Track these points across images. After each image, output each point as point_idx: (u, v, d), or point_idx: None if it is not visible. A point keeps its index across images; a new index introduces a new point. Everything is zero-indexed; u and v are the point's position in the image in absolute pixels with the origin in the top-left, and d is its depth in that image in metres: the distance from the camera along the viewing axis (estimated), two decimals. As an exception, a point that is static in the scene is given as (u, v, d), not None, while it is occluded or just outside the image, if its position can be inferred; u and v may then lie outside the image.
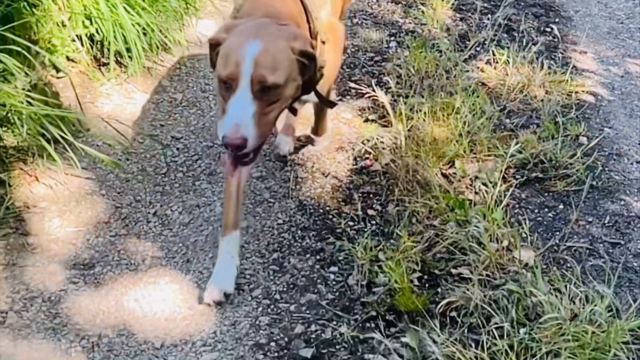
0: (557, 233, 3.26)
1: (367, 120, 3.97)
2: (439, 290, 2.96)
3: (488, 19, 5.02)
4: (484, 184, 3.37)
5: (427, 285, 2.99)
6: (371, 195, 3.49)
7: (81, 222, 3.24)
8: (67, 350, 2.68)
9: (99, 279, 2.97)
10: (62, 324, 2.77)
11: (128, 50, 4.07)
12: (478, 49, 4.63)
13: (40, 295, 2.88)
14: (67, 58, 3.95)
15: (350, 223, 3.33)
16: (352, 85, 4.23)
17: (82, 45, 4.00)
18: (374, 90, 3.90)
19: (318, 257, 3.16)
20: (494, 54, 4.47)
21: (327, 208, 3.43)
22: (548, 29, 5.02)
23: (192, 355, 2.70)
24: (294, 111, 3.03)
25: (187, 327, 2.81)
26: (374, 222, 3.33)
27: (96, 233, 3.19)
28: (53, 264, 3.02)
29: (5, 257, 3.01)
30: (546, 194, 3.50)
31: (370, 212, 3.39)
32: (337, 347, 2.76)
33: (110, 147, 3.66)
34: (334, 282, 3.04)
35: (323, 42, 2.84)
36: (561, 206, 3.43)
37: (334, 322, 2.85)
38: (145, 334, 2.76)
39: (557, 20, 5.19)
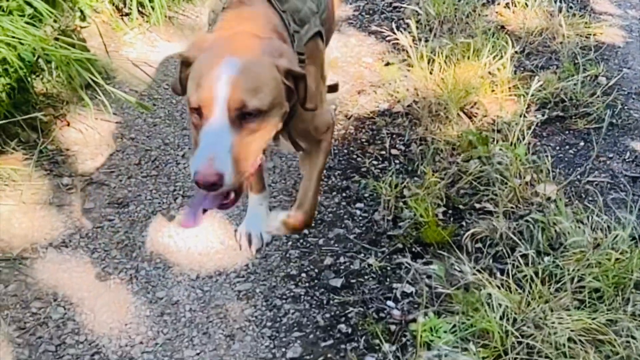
0: (579, 168, 3.32)
1: (387, 64, 4.02)
2: (464, 223, 3.04)
3: (505, -36, 5.02)
4: (506, 122, 3.43)
5: (451, 219, 3.07)
6: (394, 136, 3.55)
7: (113, 164, 3.32)
8: (106, 282, 2.78)
9: (133, 216, 3.06)
10: (100, 258, 2.87)
11: (150, 0, 4.13)
12: (496, -7, 4.65)
13: (78, 232, 2.97)
14: (90, 8, 4.00)
15: (375, 162, 3.40)
16: (373, 29, 4.28)
17: (105, -6, 4.06)
18: (394, 34, 3.94)
19: (344, 194, 3.24)
20: (512, -2, 4.49)
21: (351, 149, 3.50)
22: (565, -26, 5.03)
23: (226, 286, 2.79)
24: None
25: (220, 261, 2.90)
26: (397, 161, 3.41)
27: (128, 174, 3.27)
28: (88, 203, 3.11)
29: (41, 196, 3.10)
30: (567, 132, 3.56)
31: (394, 151, 3.46)
32: (366, 277, 2.85)
33: (137, 93, 3.73)
34: (360, 218, 3.12)
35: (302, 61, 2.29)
36: (582, 143, 3.49)
37: (362, 255, 2.93)
38: (181, 267, 2.86)
39: (574, -35, 5.19)
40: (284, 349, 2.56)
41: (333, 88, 2.87)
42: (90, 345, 2.55)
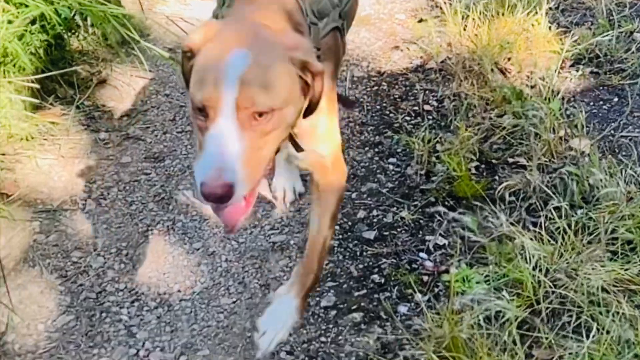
0: (612, 124, 3.30)
1: (421, 20, 4.01)
2: (496, 177, 3.05)
3: None
4: (541, 78, 3.42)
5: (484, 173, 3.08)
6: (427, 92, 3.56)
7: (148, 120, 3.37)
8: (144, 233, 2.84)
9: (169, 170, 3.12)
10: (138, 210, 2.93)
11: (183, -43, 4.15)
12: (530, -51, 4.59)
13: (116, 185, 3.03)
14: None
15: (407, 118, 3.41)
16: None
17: (138, -48, 4.08)
18: (428, -11, 3.94)
19: (377, 149, 3.26)
20: (546, -46, 4.43)
21: (384, 104, 3.51)
22: None
23: (261, 237, 2.84)
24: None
25: (255, 213, 2.94)
26: (430, 116, 3.41)
27: (163, 130, 3.32)
28: (125, 157, 3.17)
29: (79, 151, 3.17)
30: (601, 88, 3.54)
31: (427, 107, 3.46)
32: (399, 229, 2.88)
33: (172, 50, 3.76)
34: (393, 172, 3.14)
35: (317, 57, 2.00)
36: (616, 99, 3.47)
37: (395, 208, 2.96)
38: (217, 219, 2.89)
39: None
40: (317, 298, 2.61)
41: (349, 104, 2.60)
42: (130, 292, 2.62)
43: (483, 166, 3.11)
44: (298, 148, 2.12)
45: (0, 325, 2.47)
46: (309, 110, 1.94)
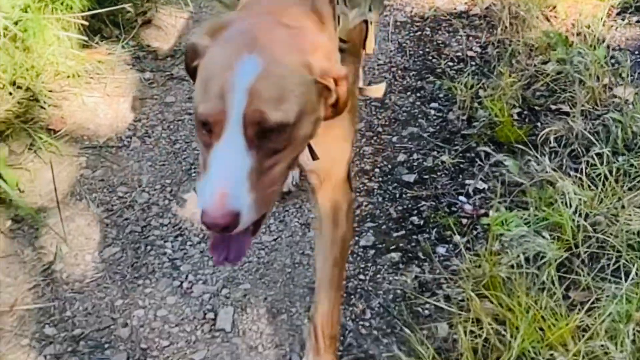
0: (658, 72, 3.27)
1: (465, -34, 3.97)
2: (539, 124, 3.04)
3: None
4: (586, 26, 3.38)
5: (526, 119, 3.07)
6: (471, 38, 3.54)
7: (192, 61, 3.40)
8: (188, 171, 2.89)
9: (212, 111, 3.15)
10: (181, 148, 2.98)
11: None
12: None
13: (160, 123, 3.08)
14: None
15: (450, 63, 3.41)
16: None
17: None
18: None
19: (418, 94, 3.26)
20: None
21: (427, 50, 3.50)
22: None
23: (302, 179, 2.87)
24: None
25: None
26: (473, 62, 3.40)
27: (206, 71, 3.35)
28: (169, 96, 3.21)
29: (124, 90, 3.22)
30: (647, 37, 3.50)
31: (470, 53, 3.45)
32: (439, 173, 2.89)
33: (215, -8, 3.79)
34: (434, 117, 3.15)
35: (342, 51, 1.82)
36: (662, 48, 3.43)
37: (435, 152, 2.97)
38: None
39: None
40: (357, 238, 2.64)
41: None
42: (174, 227, 2.67)
43: (526, 112, 3.11)
44: (314, 156, 1.82)
45: (49, 255, 2.54)
46: (331, 116, 1.67)
